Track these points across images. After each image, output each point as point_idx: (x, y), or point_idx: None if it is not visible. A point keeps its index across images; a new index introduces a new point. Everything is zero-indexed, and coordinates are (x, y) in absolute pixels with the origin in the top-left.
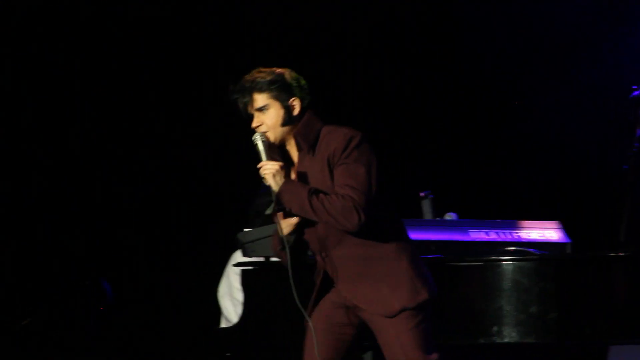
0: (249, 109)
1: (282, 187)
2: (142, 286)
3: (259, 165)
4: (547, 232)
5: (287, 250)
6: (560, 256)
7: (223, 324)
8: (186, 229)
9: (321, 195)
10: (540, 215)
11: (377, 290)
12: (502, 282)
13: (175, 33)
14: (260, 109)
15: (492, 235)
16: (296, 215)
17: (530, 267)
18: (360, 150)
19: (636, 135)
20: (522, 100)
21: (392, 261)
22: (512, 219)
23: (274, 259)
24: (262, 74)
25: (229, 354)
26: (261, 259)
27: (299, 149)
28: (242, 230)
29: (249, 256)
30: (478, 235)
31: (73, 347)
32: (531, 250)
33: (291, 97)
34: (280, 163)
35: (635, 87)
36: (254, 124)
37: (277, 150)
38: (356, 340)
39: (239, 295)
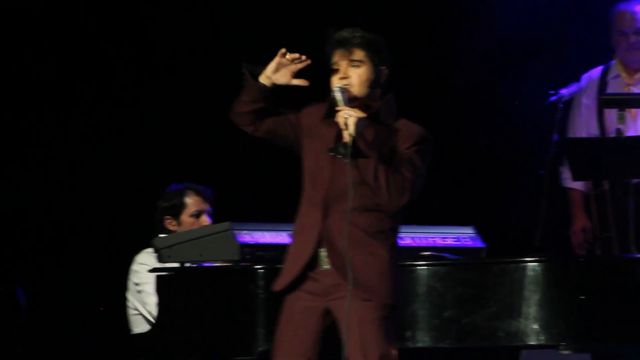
0: (340, 57)
1: (359, 138)
2: (57, 292)
3: (339, 108)
4: (462, 237)
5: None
6: (475, 261)
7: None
8: (98, 233)
9: (387, 167)
10: (455, 220)
11: (366, 271)
12: (416, 286)
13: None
14: (355, 62)
15: (407, 240)
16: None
17: (445, 272)
18: (428, 151)
19: (552, 140)
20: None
21: (382, 251)
22: (427, 224)
23: (188, 264)
24: (367, 33)
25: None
26: (176, 265)
27: (374, 119)
28: (157, 236)
29: (165, 262)
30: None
31: None
32: (446, 255)
33: (384, 64)
34: (365, 116)
35: (552, 92)
36: (341, 74)
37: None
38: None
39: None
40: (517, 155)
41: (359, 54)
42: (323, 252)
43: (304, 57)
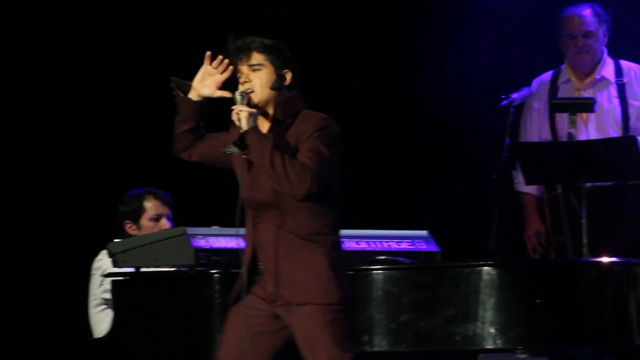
0: (241, 64)
1: (251, 130)
2: (7, 296)
3: (233, 107)
4: (417, 241)
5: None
6: (430, 265)
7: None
8: (53, 236)
9: (284, 154)
10: (410, 224)
11: (298, 275)
12: (372, 291)
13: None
14: (254, 67)
15: (362, 245)
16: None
17: (400, 276)
18: (332, 137)
19: (505, 145)
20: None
21: (317, 253)
22: (381, 228)
23: (144, 269)
24: (262, 38)
25: None
26: (131, 269)
27: (273, 119)
28: (111, 241)
29: (120, 266)
30: (348, 244)
31: None
32: (401, 259)
33: (285, 67)
34: (256, 111)
35: (503, 96)
36: (242, 79)
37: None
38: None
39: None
40: (470, 159)
41: (257, 58)
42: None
43: (226, 62)
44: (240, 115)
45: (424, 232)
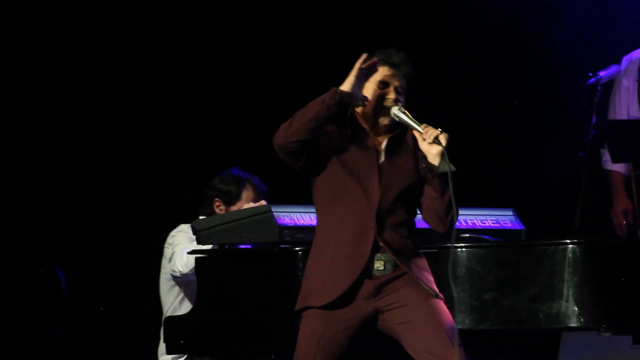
0: (394, 80)
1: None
2: (97, 275)
3: (423, 127)
4: (501, 219)
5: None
6: (515, 243)
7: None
8: (141, 217)
9: None
10: (495, 202)
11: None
12: (456, 268)
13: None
14: (403, 89)
15: None
16: (444, 178)
17: (485, 254)
18: None
19: (592, 123)
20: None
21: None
22: (466, 206)
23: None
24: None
25: (182, 341)
26: (216, 247)
27: (396, 134)
28: (197, 218)
29: (204, 244)
30: None
31: (26, 338)
32: (485, 237)
33: None
34: None
35: (591, 74)
36: (392, 94)
37: None
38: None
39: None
40: (557, 136)
41: (405, 84)
42: (384, 256)
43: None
44: (441, 136)
45: (509, 210)
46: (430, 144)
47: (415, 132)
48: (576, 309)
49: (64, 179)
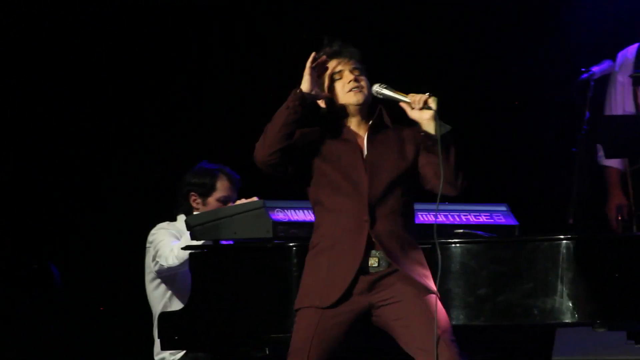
0: (345, 66)
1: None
2: (91, 271)
3: (410, 96)
4: (495, 214)
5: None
6: (509, 239)
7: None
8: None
9: None
10: (489, 197)
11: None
12: (450, 264)
13: None
14: (359, 70)
15: (440, 218)
16: (445, 141)
17: (479, 249)
18: None
19: (585, 118)
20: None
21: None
22: (460, 202)
23: (223, 242)
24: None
25: (176, 337)
26: (209, 242)
27: (374, 121)
28: (185, 214)
29: (198, 239)
30: (427, 218)
31: (19, 332)
32: (479, 232)
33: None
34: None
35: (584, 69)
36: (348, 79)
37: None
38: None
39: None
40: (551, 131)
41: (356, 64)
42: (378, 253)
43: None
44: (430, 100)
45: (502, 206)
46: (421, 110)
47: (402, 104)
48: (570, 304)
49: (59, 176)
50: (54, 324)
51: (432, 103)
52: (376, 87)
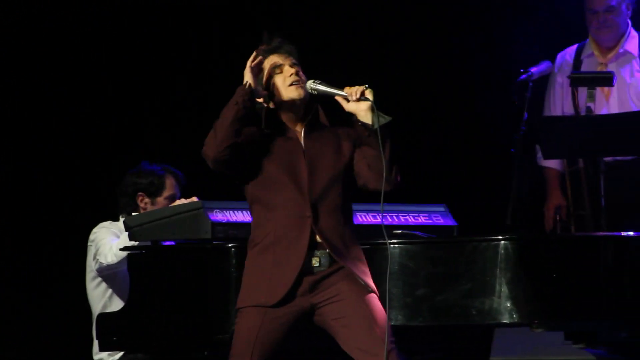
0: (284, 61)
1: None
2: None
3: (346, 90)
4: (433, 215)
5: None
6: (447, 239)
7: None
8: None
9: None
10: (427, 198)
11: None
12: (389, 265)
13: None
14: (296, 64)
15: (379, 219)
16: (382, 132)
17: (417, 250)
18: None
19: (523, 119)
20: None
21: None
22: (398, 202)
23: (165, 242)
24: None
25: (115, 338)
26: (148, 243)
27: (310, 119)
28: (130, 215)
29: (136, 240)
30: (365, 218)
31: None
32: (418, 233)
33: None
34: None
35: (522, 70)
36: (289, 72)
37: None
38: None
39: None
40: (488, 132)
41: (294, 59)
42: (320, 253)
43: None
44: (367, 91)
45: (440, 206)
46: (358, 101)
47: (338, 98)
48: (508, 305)
49: (59, 176)
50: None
51: (369, 94)
52: (310, 84)
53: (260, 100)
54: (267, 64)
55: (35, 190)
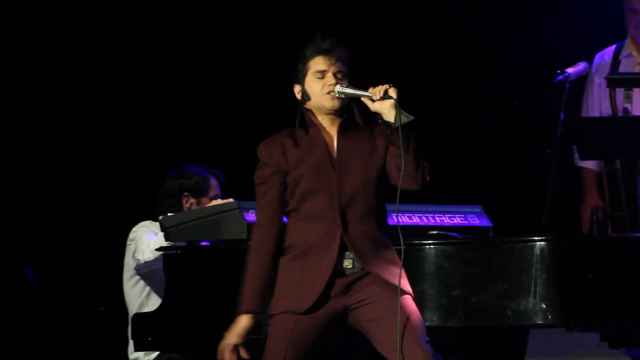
0: (330, 67)
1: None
2: (66, 272)
3: (370, 91)
4: (469, 216)
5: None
6: (483, 240)
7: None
8: (106, 214)
9: None
10: (463, 199)
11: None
12: (424, 265)
13: None
14: (342, 73)
15: (414, 220)
16: (405, 131)
17: (453, 251)
18: None
19: (560, 120)
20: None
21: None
22: (434, 203)
23: (203, 243)
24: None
25: (150, 338)
26: (183, 243)
27: (345, 119)
28: (165, 215)
29: (172, 240)
30: (401, 219)
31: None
32: (454, 234)
33: None
34: None
35: (559, 71)
36: (335, 81)
37: None
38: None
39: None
40: (526, 133)
41: (342, 66)
42: (352, 255)
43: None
44: (390, 90)
45: (476, 207)
46: (382, 100)
47: (364, 99)
48: (544, 306)
49: (59, 176)
50: (29, 324)
51: (393, 92)
52: (337, 88)
53: (298, 94)
54: (312, 64)
55: (35, 190)
